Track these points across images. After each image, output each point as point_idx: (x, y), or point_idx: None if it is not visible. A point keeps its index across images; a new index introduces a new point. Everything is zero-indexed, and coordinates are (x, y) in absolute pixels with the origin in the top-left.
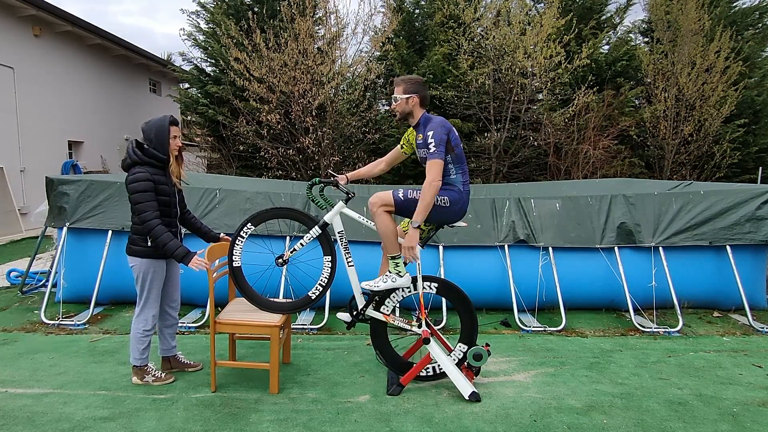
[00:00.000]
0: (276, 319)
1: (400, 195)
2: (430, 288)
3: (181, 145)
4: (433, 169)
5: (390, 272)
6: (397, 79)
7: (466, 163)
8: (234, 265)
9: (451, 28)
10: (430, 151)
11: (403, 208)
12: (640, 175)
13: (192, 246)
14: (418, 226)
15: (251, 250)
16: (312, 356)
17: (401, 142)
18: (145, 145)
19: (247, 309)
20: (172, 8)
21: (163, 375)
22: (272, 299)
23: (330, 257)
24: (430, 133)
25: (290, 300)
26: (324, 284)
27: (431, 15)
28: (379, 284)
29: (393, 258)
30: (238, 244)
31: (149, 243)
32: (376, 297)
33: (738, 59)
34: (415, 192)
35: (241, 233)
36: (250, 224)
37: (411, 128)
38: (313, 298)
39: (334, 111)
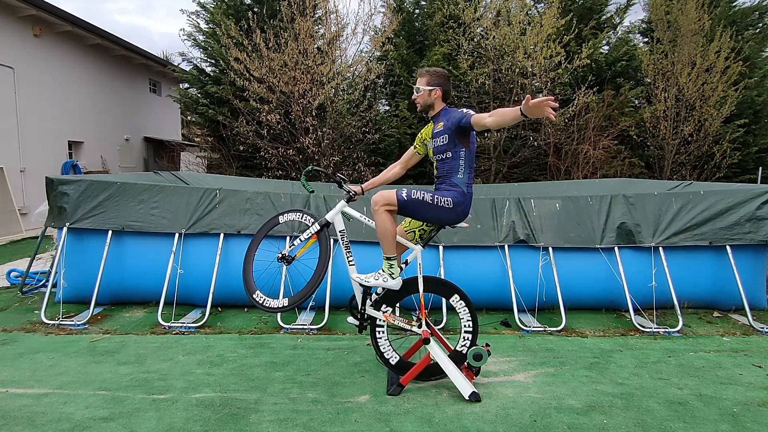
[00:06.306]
0: None
1: (404, 195)
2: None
3: None
4: (480, 113)
5: (383, 271)
6: (422, 69)
7: (474, 166)
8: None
9: (451, 28)
10: (469, 113)
11: (406, 208)
12: (640, 175)
13: (201, 245)
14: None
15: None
16: (312, 356)
17: (415, 143)
18: None
19: None
20: (169, 6)
21: None
22: (257, 291)
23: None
24: (462, 110)
25: (267, 298)
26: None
27: (431, 15)
28: (369, 280)
29: (388, 259)
30: (276, 225)
31: None
32: (373, 294)
33: (738, 59)
34: (418, 192)
35: (283, 215)
36: (303, 214)
37: (425, 127)
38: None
39: (334, 111)
